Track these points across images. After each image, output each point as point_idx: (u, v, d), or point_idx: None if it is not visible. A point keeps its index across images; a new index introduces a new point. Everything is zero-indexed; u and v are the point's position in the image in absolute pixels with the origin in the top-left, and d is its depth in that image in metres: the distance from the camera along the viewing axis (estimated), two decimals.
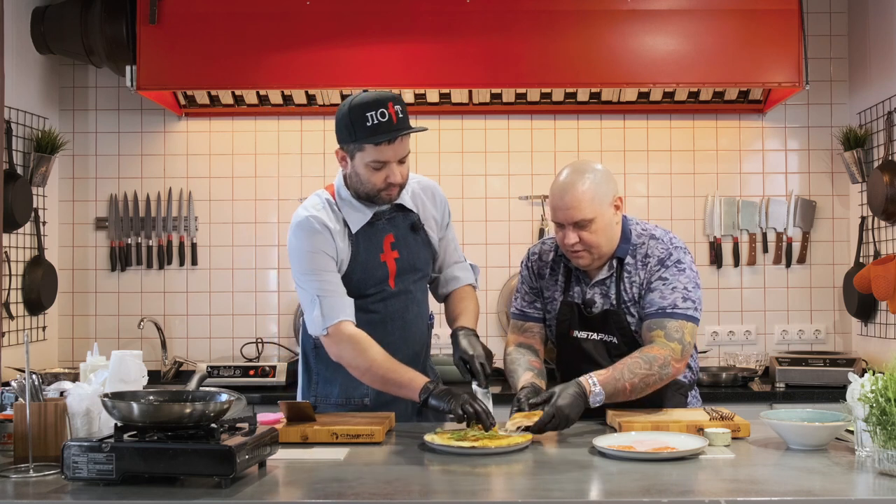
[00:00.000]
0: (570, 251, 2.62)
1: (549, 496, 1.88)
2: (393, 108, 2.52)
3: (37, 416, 2.14)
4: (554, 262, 2.78)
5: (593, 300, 2.67)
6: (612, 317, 2.64)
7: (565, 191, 2.59)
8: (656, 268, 2.61)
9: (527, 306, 2.81)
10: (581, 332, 2.68)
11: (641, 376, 2.47)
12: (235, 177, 4.46)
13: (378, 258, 2.68)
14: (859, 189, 4.26)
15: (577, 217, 2.56)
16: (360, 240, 2.66)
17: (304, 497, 1.87)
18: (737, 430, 2.39)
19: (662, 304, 2.57)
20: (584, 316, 2.68)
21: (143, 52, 3.93)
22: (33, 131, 4.14)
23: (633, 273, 2.64)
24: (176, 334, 4.42)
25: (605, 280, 2.67)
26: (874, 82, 4.15)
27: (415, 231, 2.74)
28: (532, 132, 4.45)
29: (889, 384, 1.98)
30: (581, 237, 2.58)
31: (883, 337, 4.05)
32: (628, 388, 2.46)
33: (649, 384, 2.49)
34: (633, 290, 2.63)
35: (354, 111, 2.53)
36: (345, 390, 2.72)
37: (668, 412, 2.58)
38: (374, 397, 2.69)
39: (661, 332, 2.54)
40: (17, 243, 4.03)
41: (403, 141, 2.58)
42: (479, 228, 4.43)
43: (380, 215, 2.70)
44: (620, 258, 2.66)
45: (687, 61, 3.93)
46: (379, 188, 2.60)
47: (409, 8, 3.94)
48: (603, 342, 2.66)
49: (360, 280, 2.66)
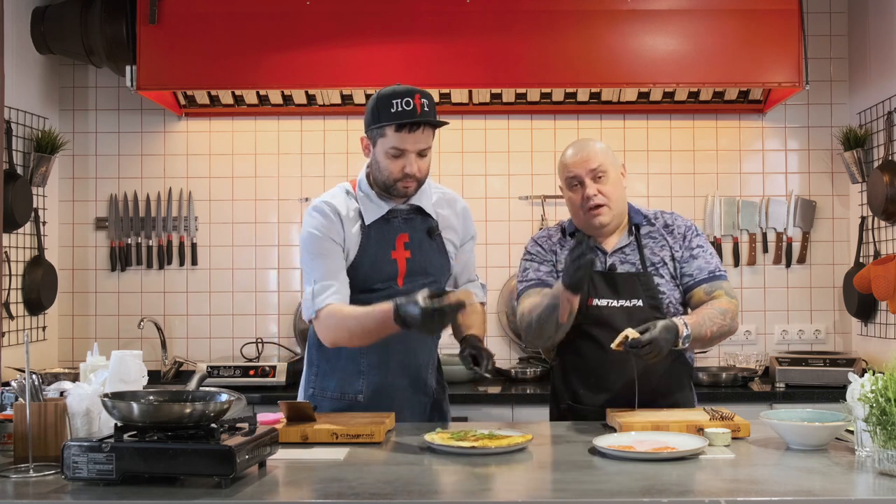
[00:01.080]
0: (591, 207, 2.71)
1: (549, 496, 1.88)
2: (419, 100, 2.58)
3: (37, 416, 2.14)
4: (561, 241, 2.85)
5: (615, 266, 2.76)
6: (641, 279, 2.73)
7: (581, 146, 2.76)
8: (689, 234, 2.79)
9: (544, 274, 2.79)
10: (601, 301, 2.72)
11: (718, 325, 2.62)
12: (235, 177, 4.46)
13: (388, 254, 2.68)
14: (859, 189, 4.26)
15: (594, 165, 2.70)
16: (373, 232, 2.68)
17: (304, 497, 1.87)
18: (737, 430, 2.39)
19: (710, 267, 2.75)
20: (605, 284, 2.73)
21: (143, 52, 3.93)
22: (33, 131, 4.14)
23: (658, 239, 2.79)
24: (176, 334, 4.42)
25: (624, 248, 2.78)
26: (874, 82, 4.15)
27: (430, 236, 2.74)
28: (532, 132, 4.45)
29: (889, 384, 1.98)
30: (599, 189, 2.71)
31: (883, 337, 4.05)
32: (708, 335, 2.60)
33: (722, 334, 2.64)
34: (662, 253, 2.77)
35: (382, 98, 2.60)
36: (340, 385, 2.74)
37: (668, 412, 2.58)
38: (368, 395, 2.70)
39: (720, 291, 2.71)
40: (17, 243, 4.03)
41: (425, 133, 2.61)
42: (479, 228, 4.36)
43: (396, 213, 2.72)
44: (638, 225, 2.80)
45: (687, 61, 3.93)
46: (396, 178, 2.63)
47: (409, 8, 3.94)
48: (624, 308, 2.70)
49: (368, 273, 2.67)
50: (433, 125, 2.62)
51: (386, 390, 2.70)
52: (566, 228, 2.87)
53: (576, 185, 2.74)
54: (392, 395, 2.71)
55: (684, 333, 2.52)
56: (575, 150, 2.77)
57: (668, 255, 2.76)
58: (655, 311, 2.69)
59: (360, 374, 2.71)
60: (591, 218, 2.73)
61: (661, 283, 2.73)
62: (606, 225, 2.75)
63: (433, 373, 2.83)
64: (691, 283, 2.75)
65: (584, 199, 2.72)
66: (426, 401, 2.78)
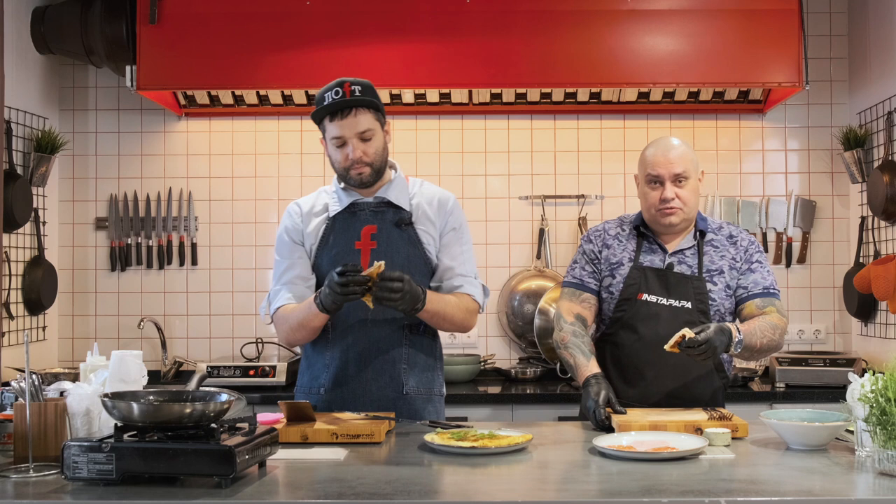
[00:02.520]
0: (665, 208, 2.76)
1: (549, 496, 1.88)
2: (348, 88, 2.65)
3: (37, 416, 2.14)
4: (618, 234, 2.91)
5: (672, 265, 2.81)
6: (694, 282, 2.77)
7: (669, 148, 2.80)
8: (751, 248, 2.85)
9: (587, 276, 2.89)
10: (651, 297, 2.77)
11: (769, 338, 2.67)
12: (235, 177, 4.46)
13: (352, 245, 2.73)
14: (859, 189, 4.26)
15: (678, 170, 2.76)
16: (337, 224, 2.76)
17: (304, 497, 1.87)
18: (735, 430, 2.39)
19: (765, 283, 2.81)
20: (658, 281, 2.78)
21: (143, 52, 3.93)
22: (33, 131, 4.14)
23: (720, 248, 2.84)
24: (176, 334, 4.42)
25: (686, 250, 2.84)
26: (874, 82, 4.15)
27: (399, 226, 2.75)
28: (532, 132, 4.45)
29: (889, 384, 1.98)
30: (677, 193, 2.76)
31: (883, 337, 4.05)
32: (758, 345, 2.65)
33: (770, 348, 2.70)
34: (721, 262, 2.82)
35: (318, 95, 2.70)
36: (308, 380, 2.81)
37: (667, 412, 2.58)
38: (329, 388, 2.73)
39: (773, 307, 2.77)
40: (17, 243, 4.03)
41: (359, 116, 2.66)
42: (479, 228, 4.43)
43: (363, 206, 2.77)
44: (703, 231, 2.85)
45: (687, 61, 3.93)
46: (345, 166, 2.71)
47: (409, 8, 3.94)
48: (672, 307, 2.75)
49: (330, 265, 2.71)
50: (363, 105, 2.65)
51: (347, 383, 2.72)
52: (631, 221, 2.92)
53: (655, 184, 2.79)
54: (354, 388, 2.71)
55: (737, 338, 2.57)
56: (662, 149, 2.81)
57: (727, 266, 2.81)
58: (702, 315, 2.74)
59: (326, 368, 2.76)
60: (662, 217, 2.79)
61: (713, 290, 2.78)
62: (675, 226, 2.80)
63: (414, 371, 2.76)
64: (745, 295, 2.80)
65: (661, 200, 2.77)
66: (394, 396, 2.73)
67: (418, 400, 2.75)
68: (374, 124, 2.71)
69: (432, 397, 2.80)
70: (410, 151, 4.42)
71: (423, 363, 2.78)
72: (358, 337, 2.71)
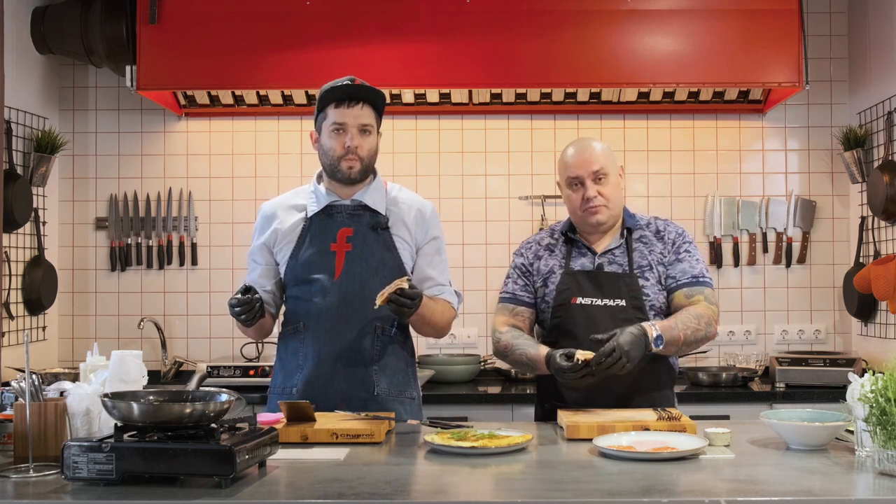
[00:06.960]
0: (590, 207, 2.77)
1: (549, 496, 1.88)
2: (358, 81, 2.74)
3: (37, 416, 2.14)
4: (549, 244, 2.90)
5: (602, 266, 2.80)
6: (626, 279, 2.75)
7: (584, 147, 2.81)
8: (678, 240, 2.82)
9: (519, 290, 2.88)
10: (585, 299, 2.76)
11: (693, 329, 2.65)
12: (235, 177, 4.46)
13: (327, 247, 2.75)
14: (859, 189, 4.26)
15: (596, 167, 2.76)
16: (313, 226, 2.79)
17: (304, 497, 1.87)
18: (682, 431, 2.37)
19: (694, 272, 2.77)
20: (591, 283, 2.77)
21: (143, 52, 3.93)
22: (33, 131, 4.14)
23: (648, 243, 2.82)
24: (176, 334, 4.42)
25: (614, 249, 2.82)
26: (874, 82, 4.15)
27: (375, 230, 2.77)
28: (532, 132, 4.46)
29: (889, 384, 1.98)
30: (599, 191, 2.76)
31: (883, 337, 4.05)
32: (682, 338, 2.62)
33: (698, 339, 2.67)
34: (650, 257, 2.80)
35: (324, 88, 2.76)
36: (281, 381, 2.81)
37: (616, 412, 2.56)
38: (301, 389, 2.73)
39: (700, 296, 2.74)
40: (17, 243, 4.03)
41: (364, 110, 2.73)
42: (479, 228, 4.43)
43: (340, 208, 2.79)
44: (630, 229, 2.83)
45: (687, 61, 3.93)
46: (339, 154, 2.74)
47: (409, 8, 3.94)
48: (608, 307, 2.74)
49: (305, 265, 2.75)
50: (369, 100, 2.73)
51: (318, 383, 2.72)
52: (559, 230, 2.90)
53: (576, 185, 2.79)
54: (325, 389, 2.71)
55: (654, 335, 2.55)
56: (577, 150, 2.81)
57: (656, 260, 2.79)
58: (638, 312, 2.72)
59: (299, 368, 2.76)
60: (588, 216, 2.79)
61: (646, 286, 2.76)
62: (603, 223, 2.80)
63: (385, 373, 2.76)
64: (673, 285, 2.78)
65: (584, 200, 2.77)
66: (365, 397, 2.72)
67: (389, 401, 2.74)
68: (374, 123, 2.77)
69: (404, 400, 2.79)
70: (410, 151, 4.42)
71: (395, 365, 2.79)
72: (330, 338, 2.73)
